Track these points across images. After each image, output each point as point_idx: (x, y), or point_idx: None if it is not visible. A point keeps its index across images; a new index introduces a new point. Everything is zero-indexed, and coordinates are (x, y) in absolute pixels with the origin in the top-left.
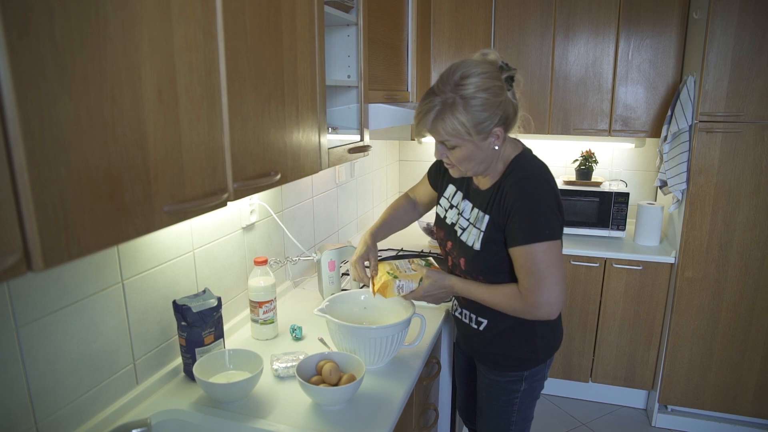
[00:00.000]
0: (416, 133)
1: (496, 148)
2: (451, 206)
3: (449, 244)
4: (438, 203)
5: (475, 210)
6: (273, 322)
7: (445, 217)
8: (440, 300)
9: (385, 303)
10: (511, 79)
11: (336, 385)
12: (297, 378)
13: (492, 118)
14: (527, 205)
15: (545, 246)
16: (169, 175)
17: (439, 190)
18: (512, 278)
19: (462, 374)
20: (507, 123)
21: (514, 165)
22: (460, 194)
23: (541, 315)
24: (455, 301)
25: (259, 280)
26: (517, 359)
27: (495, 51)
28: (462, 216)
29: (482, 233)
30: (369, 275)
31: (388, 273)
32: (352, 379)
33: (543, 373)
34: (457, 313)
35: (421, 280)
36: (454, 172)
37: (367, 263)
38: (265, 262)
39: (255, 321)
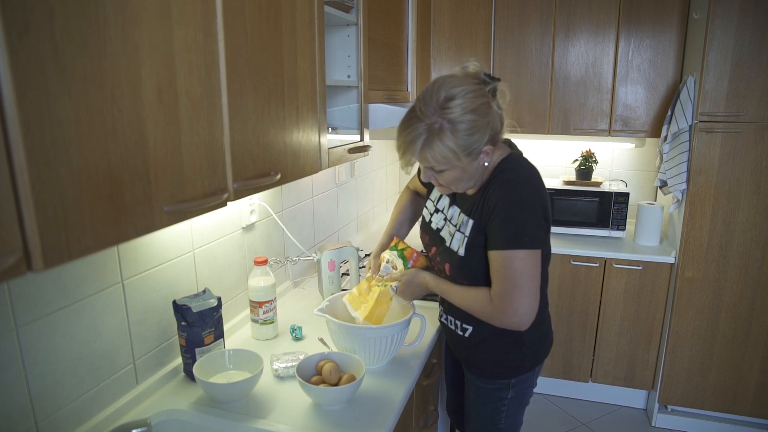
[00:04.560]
0: (403, 164)
1: (486, 164)
2: (437, 210)
3: (434, 249)
4: (425, 206)
5: (462, 215)
6: (273, 322)
7: (430, 221)
8: (416, 297)
9: None
10: (494, 91)
11: (336, 385)
12: (297, 378)
13: (481, 139)
14: (510, 208)
15: (524, 254)
16: (169, 175)
17: (428, 189)
18: None
19: (451, 378)
20: (495, 138)
21: (500, 168)
22: (446, 199)
23: (509, 324)
24: (441, 307)
25: (259, 280)
26: (503, 366)
27: (475, 62)
28: (450, 222)
29: (466, 238)
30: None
31: (377, 286)
32: (352, 379)
33: (531, 380)
34: (443, 319)
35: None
36: (444, 191)
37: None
38: (265, 262)
39: (255, 321)
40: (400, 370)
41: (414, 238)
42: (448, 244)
